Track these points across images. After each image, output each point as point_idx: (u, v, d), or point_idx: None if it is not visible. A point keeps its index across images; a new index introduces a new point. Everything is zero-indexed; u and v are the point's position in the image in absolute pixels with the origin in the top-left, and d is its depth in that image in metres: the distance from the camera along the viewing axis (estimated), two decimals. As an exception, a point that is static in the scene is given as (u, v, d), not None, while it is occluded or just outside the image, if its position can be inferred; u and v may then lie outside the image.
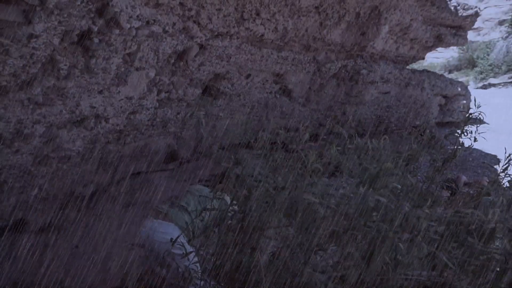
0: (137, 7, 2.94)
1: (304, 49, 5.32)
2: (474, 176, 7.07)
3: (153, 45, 3.29)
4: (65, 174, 3.22)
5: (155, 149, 4.14)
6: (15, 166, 2.81)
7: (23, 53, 2.39)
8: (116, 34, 2.85)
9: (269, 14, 4.26)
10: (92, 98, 3.06)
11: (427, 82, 8.37)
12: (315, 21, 4.97)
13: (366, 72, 6.53)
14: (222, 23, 3.85)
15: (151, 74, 3.46)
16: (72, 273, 3.08)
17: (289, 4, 4.36)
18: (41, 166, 3.01)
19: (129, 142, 3.76)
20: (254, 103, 5.24)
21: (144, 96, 3.55)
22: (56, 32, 2.49)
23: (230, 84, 4.60)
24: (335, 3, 5.00)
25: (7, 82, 2.43)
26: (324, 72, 5.90)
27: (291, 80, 5.50)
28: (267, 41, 4.63)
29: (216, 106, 4.61)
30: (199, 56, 3.91)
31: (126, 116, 3.52)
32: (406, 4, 6.40)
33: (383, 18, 5.91)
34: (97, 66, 2.88)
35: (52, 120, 2.85)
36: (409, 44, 7.58)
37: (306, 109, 6.20)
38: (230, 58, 4.28)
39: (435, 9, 7.30)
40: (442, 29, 8.05)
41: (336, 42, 5.63)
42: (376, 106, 7.47)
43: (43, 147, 2.91)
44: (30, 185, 3.03)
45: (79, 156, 3.24)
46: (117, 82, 3.18)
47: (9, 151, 2.71)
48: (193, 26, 3.60)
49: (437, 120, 9.35)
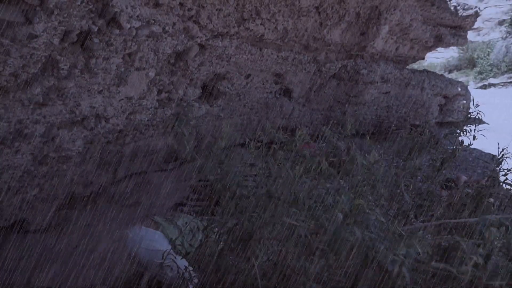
0: (137, 7, 2.95)
1: (304, 49, 5.32)
2: (474, 176, 7.07)
3: (153, 45, 3.29)
4: (65, 174, 3.23)
5: (155, 149, 4.14)
6: (15, 166, 2.81)
7: (23, 53, 2.39)
8: (116, 34, 2.85)
9: (269, 14, 4.26)
10: (92, 98, 3.06)
11: (427, 82, 8.37)
12: (315, 21, 4.98)
13: (366, 72, 6.53)
14: (222, 23, 3.86)
15: (151, 74, 3.46)
16: (72, 273, 3.08)
17: (289, 4, 4.36)
18: (41, 166, 3.01)
19: (129, 142, 3.76)
20: (254, 103, 5.25)
21: (144, 96, 3.55)
22: (56, 32, 2.49)
23: (230, 84, 4.60)
24: (335, 3, 5.00)
25: (7, 82, 2.44)
26: (324, 72, 5.90)
27: (291, 80, 5.51)
28: (267, 41, 4.63)
29: (216, 106, 4.61)
30: (199, 56, 3.91)
31: (126, 116, 3.52)
32: (406, 4, 6.40)
33: (383, 18, 5.91)
34: (97, 66, 2.88)
35: (52, 120, 2.85)
36: (409, 44, 7.59)
37: (306, 109, 6.21)
38: (230, 58, 4.28)
39: (435, 9, 7.31)
40: (442, 29, 8.05)
41: (336, 42, 5.63)
42: (376, 106, 7.48)
43: (43, 147, 2.91)
44: (30, 185, 3.04)
45: (79, 156, 3.24)
46: (117, 82, 3.18)
47: (9, 151, 2.71)
48: (193, 26, 3.60)
49: (437, 120, 9.35)
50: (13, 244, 3.06)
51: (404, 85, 7.83)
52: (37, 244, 3.21)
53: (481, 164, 7.39)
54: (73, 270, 3.10)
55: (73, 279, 3.05)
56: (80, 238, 3.39)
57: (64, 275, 3.04)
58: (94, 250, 3.30)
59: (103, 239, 3.35)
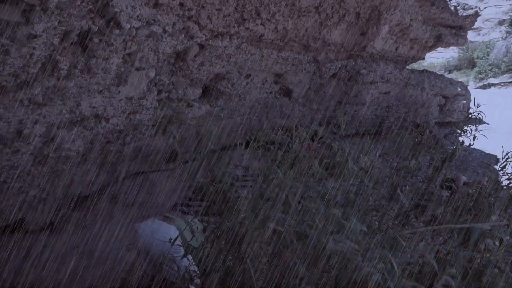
0: (137, 7, 2.94)
1: (304, 49, 5.32)
2: (474, 176, 7.07)
3: (153, 45, 3.29)
4: (65, 174, 3.22)
5: (155, 149, 4.14)
6: (15, 166, 2.81)
7: (23, 53, 2.39)
8: (116, 34, 2.85)
9: (269, 14, 4.26)
10: (92, 98, 3.06)
11: (427, 82, 8.37)
12: (315, 21, 4.97)
13: (366, 72, 6.53)
14: (222, 23, 3.85)
15: (151, 74, 3.46)
16: (72, 273, 3.08)
17: (289, 4, 4.36)
18: (41, 166, 3.01)
19: (129, 142, 3.76)
20: (254, 103, 5.25)
21: (144, 96, 3.55)
22: (56, 32, 2.49)
23: (230, 84, 4.60)
24: (335, 3, 5.00)
25: (7, 82, 2.43)
26: (324, 72, 5.90)
27: (291, 80, 5.51)
28: (267, 41, 4.63)
29: (216, 106, 4.61)
30: (199, 56, 3.91)
31: (126, 116, 3.52)
32: (406, 4, 6.40)
33: (383, 18, 5.91)
34: (97, 66, 2.88)
35: (52, 120, 2.85)
36: (409, 44, 7.59)
37: (306, 109, 6.20)
38: (230, 58, 4.28)
39: (435, 9, 7.31)
40: (442, 29, 8.05)
41: (336, 42, 5.63)
42: (376, 106, 7.48)
43: (43, 147, 2.91)
44: (30, 185, 3.03)
45: (79, 156, 3.24)
46: (117, 82, 3.18)
47: (9, 151, 2.71)
48: (193, 26, 3.60)
49: (437, 120, 9.34)
50: (13, 244, 3.06)
51: (404, 85, 7.83)
52: (37, 244, 3.21)
53: (481, 164, 7.39)
54: (73, 269, 3.10)
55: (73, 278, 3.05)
56: (80, 238, 3.39)
57: (64, 275, 3.04)
58: (94, 250, 3.30)
59: (103, 238, 3.35)
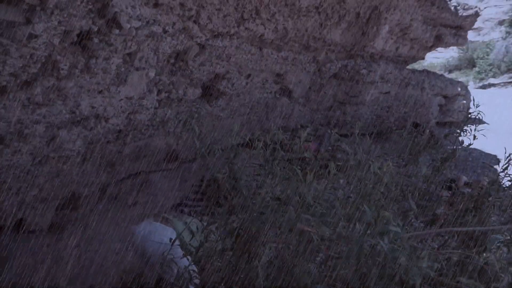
0: (137, 7, 2.94)
1: (304, 49, 5.32)
2: (474, 176, 7.07)
3: (153, 45, 3.28)
4: (65, 174, 3.22)
5: (155, 149, 4.14)
6: (15, 166, 2.81)
7: (23, 53, 2.39)
8: (116, 34, 2.85)
9: (269, 14, 4.26)
10: (92, 98, 3.06)
11: (427, 82, 8.38)
12: (315, 21, 4.97)
13: (366, 72, 6.53)
14: (222, 23, 3.85)
15: (151, 74, 3.46)
16: (72, 273, 3.08)
17: (289, 4, 4.36)
18: (41, 166, 3.01)
19: (129, 142, 3.75)
20: (254, 103, 5.24)
21: (144, 96, 3.55)
22: (56, 32, 2.49)
23: (230, 84, 4.60)
24: (335, 3, 5.00)
25: (7, 82, 2.43)
26: (324, 72, 5.90)
27: (291, 80, 5.50)
28: (267, 41, 4.63)
29: (216, 106, 4.61)
30: (199, 56, 3.91)
31: (126, 116, 3.51)
32: (406, 4, 6.40)
33: (383, 18, 5.91)
34: (97, 66, 2.88)
35: (52, 120, 2.85)
36: (409, 44, 7.59)
37: (306, 109, 6.20)
38: (230, 58, 4.28)
39: (435, 9, 7.31)
40: (442, 29, 8.05)
41: (336, 42, 5.63)
42: (376, 106, 7.48)
43: (43, 147, 2.91)
44: (30, 185, 3.03)
45: (79, 156, 3.24)
46: (117, 82, 3.18)
47: (9, 151, 2.71)
48: (193, 26, 3.60)
49: (437, 120, 9.35)
50: (13, 244, 3.05)
51: (404, 85, 7.83)
52: (37, 244, 3.21)
53: (481, 164, 7.39)
54: (73, 270, 3.10)
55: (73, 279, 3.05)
56: (81, 238, 3.39)
57: (64, 275, 3.04)
58: (94, 250, 3.30)
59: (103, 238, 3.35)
